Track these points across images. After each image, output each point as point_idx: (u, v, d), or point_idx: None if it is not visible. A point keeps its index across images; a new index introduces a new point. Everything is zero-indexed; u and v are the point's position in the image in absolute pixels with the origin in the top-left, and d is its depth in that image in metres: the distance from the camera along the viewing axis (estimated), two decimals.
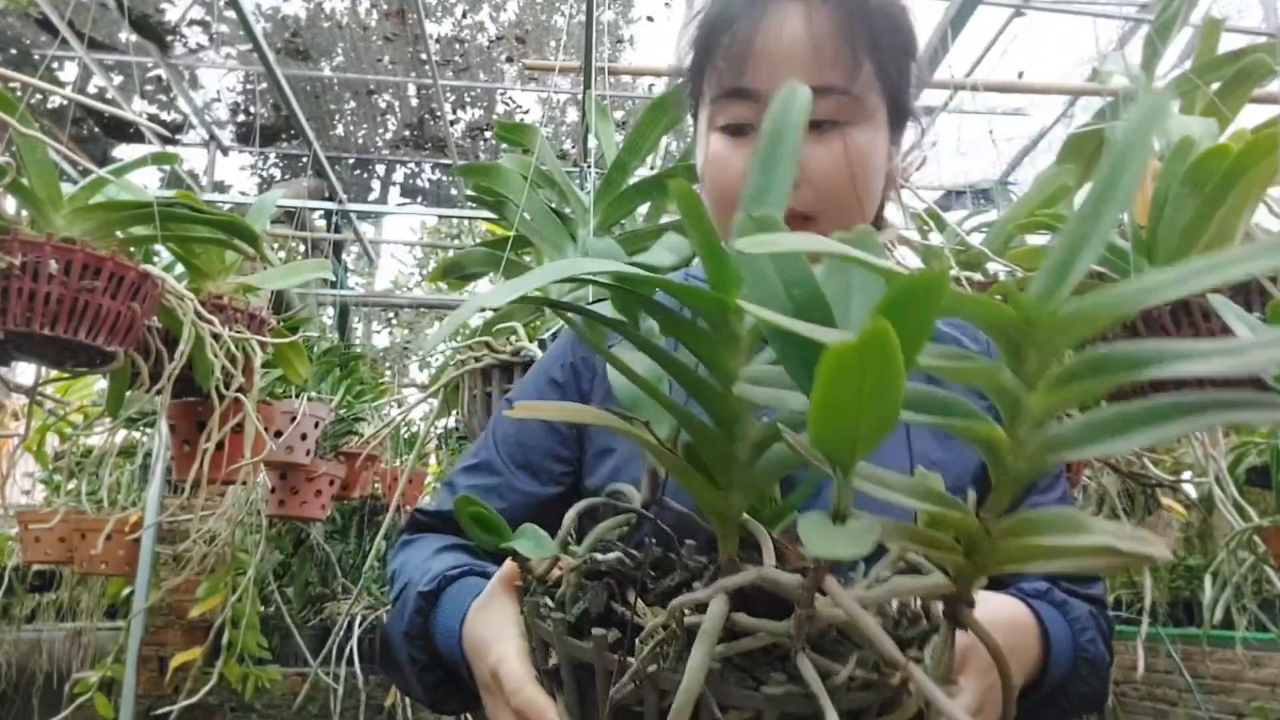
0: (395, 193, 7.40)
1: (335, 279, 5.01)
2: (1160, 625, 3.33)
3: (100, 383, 2.52)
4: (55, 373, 1.32)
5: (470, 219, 5.67)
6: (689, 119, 0.77)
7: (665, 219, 1.64)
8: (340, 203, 4.42)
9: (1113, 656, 0.65)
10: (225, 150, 5.00)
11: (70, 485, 2.89)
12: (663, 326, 0.37)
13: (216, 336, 1.25)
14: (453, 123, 6.14)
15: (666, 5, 6.40)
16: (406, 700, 3.36)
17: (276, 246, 4.51)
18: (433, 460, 3.82)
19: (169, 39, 4.85)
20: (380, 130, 5.97)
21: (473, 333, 1.51)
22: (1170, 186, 1.14)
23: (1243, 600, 2.11)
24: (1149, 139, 0.30)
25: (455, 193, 6.56)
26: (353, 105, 5.60)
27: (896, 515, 0.32)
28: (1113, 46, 3.13)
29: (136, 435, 2.88)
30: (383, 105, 5.85)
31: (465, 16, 5.93)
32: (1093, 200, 0.29)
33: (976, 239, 1.60)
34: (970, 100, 3.20)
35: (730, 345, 0.35)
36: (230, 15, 3.03)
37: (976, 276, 1.43)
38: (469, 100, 6.47)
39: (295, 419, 1.82)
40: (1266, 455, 2.01)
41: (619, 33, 6.75)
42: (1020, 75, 3.24)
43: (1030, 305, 0.28)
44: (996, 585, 0.62)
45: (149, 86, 5.67)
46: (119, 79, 4.76)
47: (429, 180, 7.34)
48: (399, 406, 2.73)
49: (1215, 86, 1.36)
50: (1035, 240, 1.43)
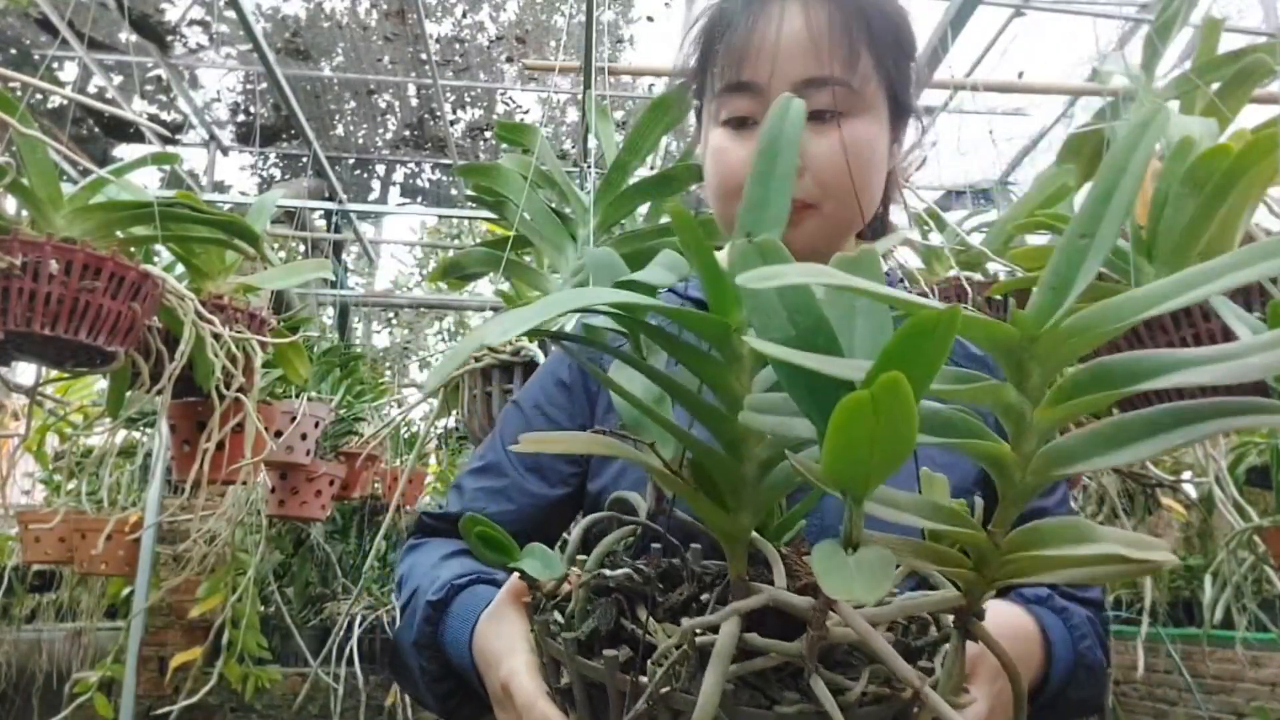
0: (395, 193, 7.40)
1: (335, 279, 5.00)
2: (1160, 625, 3.33)
3: (100, 383, 2.52)
4: (55, 373, 1.32)
5: (470, 219, 5.67)
6: (689, 119, 0.78)
7: (665, 219, 1.64)
8: (340, 203, 4.42)
9: (1110, 661, 0.66)
10: (225, 150, 5.00)
11: (70, 485, 2.89)
12: (667, 351, 0.37)
13: (217, 336, 1.25)
14: (453, 123, 6.14)
15: (666, 5, 6.41)
16: (406, 700, 3.36)
17: (277, 246, 4.50)
18: (433, 460, 3.82)
19: (169, 39, 4.85)
20: (380, 130, 5.97)
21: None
22: (1170, 186, 1.13)
23: (1243, 600, 2.11)
24: (1146, 152, 0.30)
25: (455, 193, 6.55)
26: (353, 105, 5.60)
27: (905, 527, 0.32)
28: (1113, 46, 3.12)
29: (136, 435, 2.87)
30: (383, 105, 5.85)
31: (465, 16, 5.93)
32: (1088, 215, 0.29)
33: (976, 239, 1.60)
34: (970, 100, 3.21)
35: (733, 366, 0.35)
36: (230, 15, 3.03)
37: (976, 276, 1.43)
38: (469, 100, 6.47)
39: (295, 419, 1.81)
40: (1266, 455, 2.01)
41: (619, 33, 6.75)
42: (1020, 75, 3.24)
43: (1031, 322, 0.28)
44: (998, 591, 0.62)
45: (149, 86, 5.67)
46: (119, 79, 4.76)
47: (429, 180, 7.34)
48: (399, 406, 2.73)
49: (1215, 86, 1.36)
50: (1035, 240, 1.43)
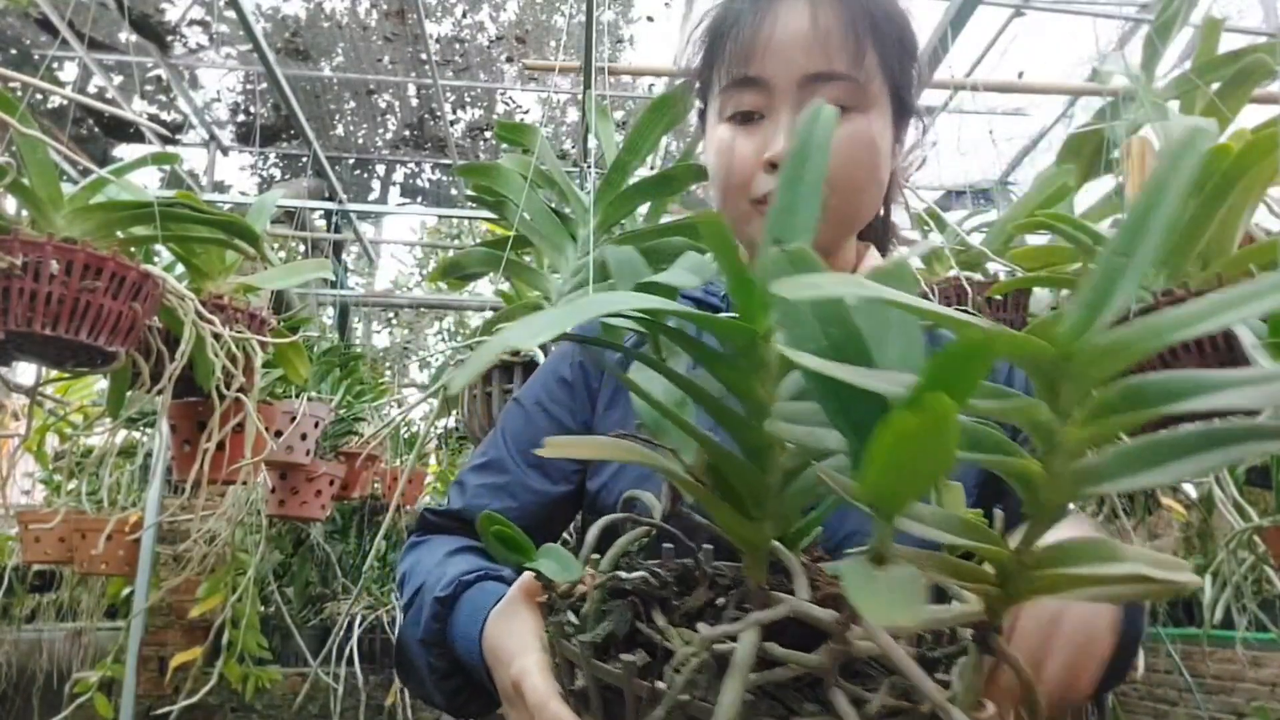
0: (395, 193, 7.40)
1: (335, 279, 5.00)
2: (1160, 625, 3.33)
3: (100, 383, 2.52)
4: (55, 373, 1.32)
5: (470, 219, 5.67)
6: (689, 119, 0.78)
7: (665, 219, 1.64)
8: (340, 203, 4.42)
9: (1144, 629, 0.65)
10: (225, 150, 5.00)
11: (70, 485, 2.89)
12: (691, 354, 0.36)
13: (217, 336, 1.25)
14: (453, 123, 6.14)
15: (666, 5, 6.40)
16: (406, 700, 3.36)
17: (277, 246, 4.51)
18: (433, 460, 3.82)
19: (169, 39, 4.85)
20: (380, 130, 5.97)
21: (473, 333, 1.51)
22: None
23: (1243, 600, 2.11)
24: (1188, 171, 0.29)
25: (455, 193, 6.55)
26: (353, 105, 5.60)
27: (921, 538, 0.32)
28: (1113, 46, 3.13)
29: (136, 435, 2.87)
30: (383, 105, 5.84)
31: (465, 16, 5.93)
32: (1128, 232, 0.28)
33: (976, 239, 1.60)
34: (970, 100, 3.21)
35: (759, 373, 0.34)
36: (230, 15, 3.03)
37: (976, 276, 1.43)
38: (469, 100, 6.47)
39: (295, 419, 1.81)
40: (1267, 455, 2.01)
41: (619, 33, 6.75)
42: (1020, 75, 3.24)
43: (1065, 339, 0.28)
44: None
45: (149, 86, 5.66)
46: (119, 79, 4.76)
47: (429, 180, 7.34)
48: (399, 406, 2.73)
49: (1215, 86, 1.36)
50: (1035, 240, 1.43)
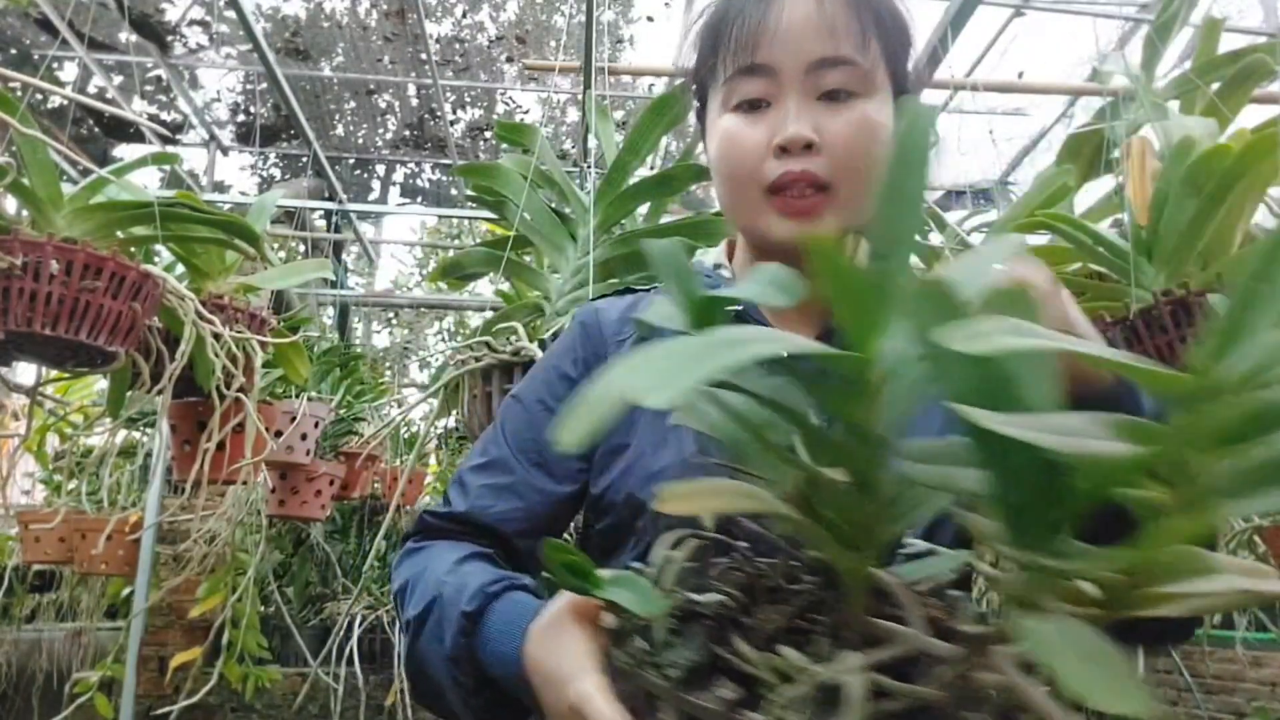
0: (395, 193, 7.39)
1: (335, 279, 5.00)
2: None
3: (100, 383, 2.52)
4: (55, 373, 1.32)
5: (470, 219, 5.68)
6: (689, 119, 0.77)
7: (665, 219, 1.64)
8: (340, 203, 4.42)
9: None
10: (225, 150, 5.00)
11: (70, 485, 2.89)
12: (801, 385, 0.34)
13: (217, 336, 1.25)
14: (453, 123, 6.14)
15: (666, 5, 6.40)
16: (407, 700, 3.36)
17: (277, 246, 4.51)
18: (433, 460, 3.82)
19: (169, 39, 4.84)
20: (380, 130, 5.96)
21: (472, 333, 1.51)
22: (1171, 187, 1.14)
23: None
24: None
25: (455, 193, 6.55)
26: (353, 105, 5.60)
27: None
28: (1113, 46, 3.13)
29: (136, 435, 2.88)
30: (383, 105, 5.84)
31: (465, 16, 5.92)
32: (1266, 259, 0.28)
33: (976, 239, 1.60)
34: (970, 100, 3.21)
35: (863, 398, 0.33)
36: (230, 15, 3.03)
37: None
38: (469, 100, 6.46)
39: (295, 419, 1.82)
40: None
41: (619, 33, 6.75)
42: (1020, 75, 3.24)
43: (1202, 367, 0.27)
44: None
45: (149, 86, 5.66)
46: (119, 79, 4.75)
47: (429, 180, 7.33)
48: (399, 406, 2.73)
49: (1215, 86, 1.36)
50: (1035, 240, 1.43)
